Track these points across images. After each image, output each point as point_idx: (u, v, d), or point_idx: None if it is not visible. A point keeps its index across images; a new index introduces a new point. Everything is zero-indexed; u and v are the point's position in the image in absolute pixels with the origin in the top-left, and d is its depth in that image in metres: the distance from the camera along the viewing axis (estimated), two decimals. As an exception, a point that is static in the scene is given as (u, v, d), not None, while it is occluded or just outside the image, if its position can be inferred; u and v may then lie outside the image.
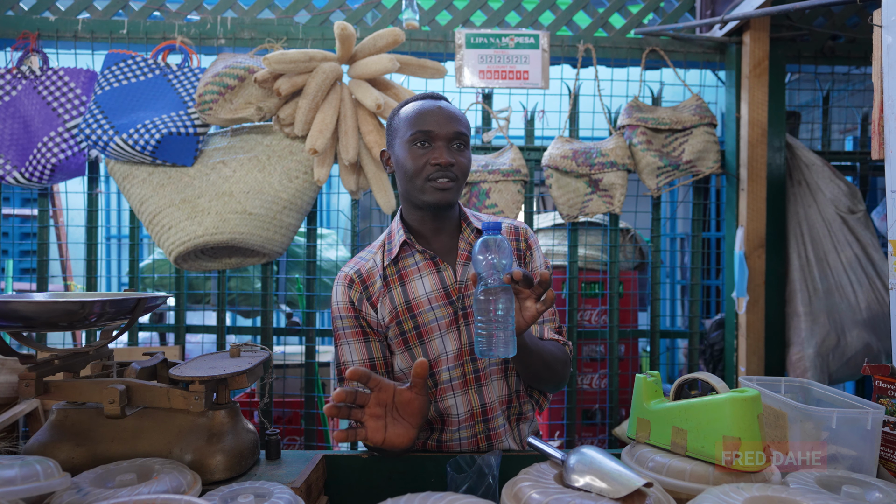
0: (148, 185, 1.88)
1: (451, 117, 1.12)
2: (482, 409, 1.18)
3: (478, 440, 1.18)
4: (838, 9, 2.20)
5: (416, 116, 1.12)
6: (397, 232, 1.20)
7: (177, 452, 0.90)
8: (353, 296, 1.17)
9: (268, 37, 2.08)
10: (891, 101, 1.26)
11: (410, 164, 1.11)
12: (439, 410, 1.18)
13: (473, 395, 1.17)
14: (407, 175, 1.12)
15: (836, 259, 2.12)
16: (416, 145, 1.11)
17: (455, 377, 1.17)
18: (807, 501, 0.69)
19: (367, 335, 1.18)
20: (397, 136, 1.15)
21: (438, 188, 1.10)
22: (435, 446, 1.20)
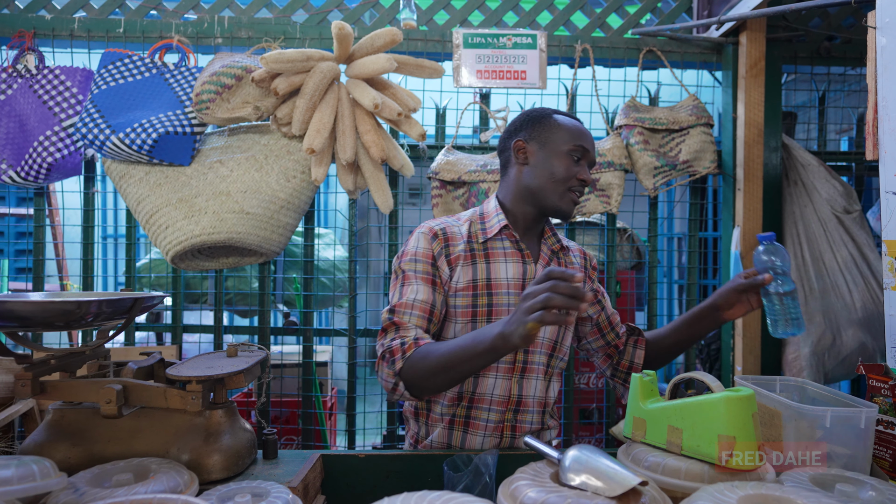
0: (145, 185, 1.88)
1: (594, 148, 1.29)
2: (518, 400, 1.26)
3: (503, 427, 1.26)
4: (834, 10, 2.21)
5: (578, 133, 1.26)
6: (496, 215, 1.28)
7: (174, 452, 0.90)
8: (435, 248, 1.24)
9: (265, 36, 2.08)
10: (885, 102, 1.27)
11: (563, 171, 1.23)
12: (475, 386, 1.24)
13: (514, 384, 1.25)
14: (553, 178, 1.23)
15: (831, 259, 2.13)
16: (573, 158, 1.24)
17: (503, 361, 1.24)
18: (801, 500, 0.70)
19: (436, 285, 1.22)
20: (552, 140, 1.26)
21: (574, 200, 1.25)
22: (462, 422, 1.24)
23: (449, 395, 1.25)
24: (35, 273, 2.13)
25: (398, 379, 1.11)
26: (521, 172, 1.28)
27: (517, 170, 1.29)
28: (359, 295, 2.21)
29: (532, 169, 1.26)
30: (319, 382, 2.35)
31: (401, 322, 1.16)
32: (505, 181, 1.34)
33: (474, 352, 1.01)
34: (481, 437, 1.25)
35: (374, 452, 1.15)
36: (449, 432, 1.26)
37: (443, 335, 1.25)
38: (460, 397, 1.25)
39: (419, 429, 1.32)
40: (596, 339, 1.44)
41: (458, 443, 1.25)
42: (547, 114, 1.31)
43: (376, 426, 2.23)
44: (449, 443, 1.26)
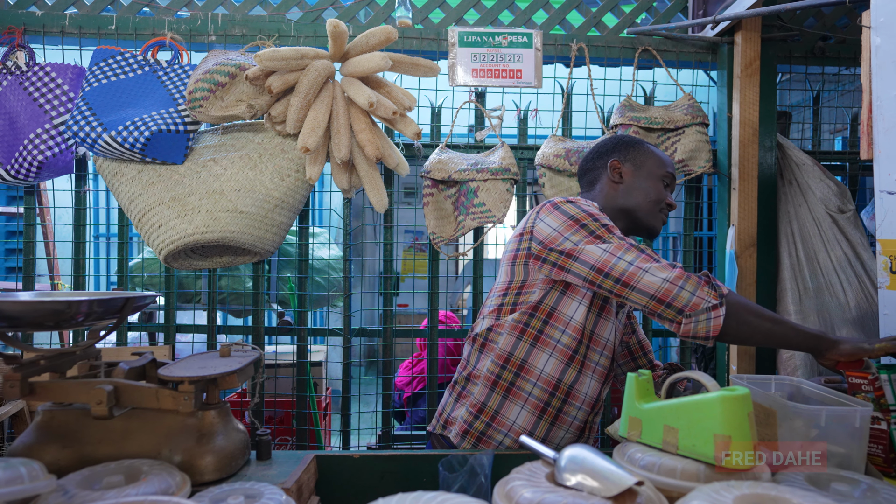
0: (137, 183, 1.86)
1: None
2: (597, 402, 1.32)
3: (584, 427, 1.32)
4: (828, 10, 2.22)
5: (669, 163, 1.40)
6: None
7: (166, 453, 0.89)
8: None
9: (259, 34, 2.07)
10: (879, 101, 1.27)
11: (656, 193, 1.36)
12: (574, 381, 1.27)
13: (603, 388, 1.32)
14: (648, 199, 1.36)
15: (825, 258, 2.13)
16: (664, 184, 1.38)
17: (601, 364, 1.30)
18: (796, 499, 0.70)
19: None
20: (647, 165, 1.38)
21: (663, 220, 1.38)
22: (553, 413, 1.27)
23: (545, 379, 1.26)
24: (25, 272, 2.11)
25: (723, 301, 1.12)
26: (616, 190, 1.39)
27: (610, 187, 1.39)
28: (353, 294, 2.21)
29: (626, 188, 1.38)
30: (314, 382, 2.34)
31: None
32: (592, 195, 1.43)
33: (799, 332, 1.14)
34: (565, 432, 1.29)
35: (368, 453, 1.14)
36: (537, 420, 1.27)
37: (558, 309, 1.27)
38: (557, 387, 1.27)
39: (489, 399, 1.28)
40: (626, 362, 1.55)
41: (542, 433, 1.27)
42: (639, 141, 1.44)
43: (371, 426, 2.22)
44: (532, 431, 1.26)
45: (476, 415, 1.29)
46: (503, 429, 1.27)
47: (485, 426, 1.28)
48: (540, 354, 1.26)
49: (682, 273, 1.14)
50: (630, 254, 1.17)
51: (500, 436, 1.27)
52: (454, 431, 1.31)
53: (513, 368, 1.27)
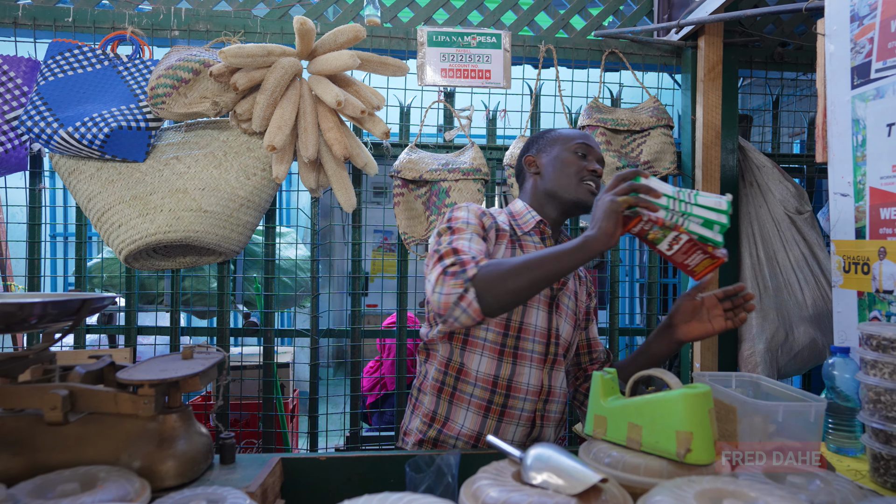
0: (96, 181, 1.80)
1: (598, 147, 1.40)
2: (549, 390, 1.31)
3: (535, 416, 1.30)
4: (787, 17, 2.29)
5: (579, 135, 1.38)
6: (528, 212, 1.38)
7: (125, 459, 0.87)
8: (485, 221, 1.30)
9: (224, 30, 2.02)
10: (833, 106, 1.32)
11: (573, 163, 1.34)
12: (512, 374, 1.27)
13: (546, 374, 1.31)
14: (565, 173, 1.34)
15: (784, 258, 2.20)
16: (578, 154, 1.35)
17: (537, 351, 1.29)
18: (753, 492, 0.72)
19: (486, 241, 1.27)
20: (557, 145, 1.38)
21: (588, 189, 1.33)
22: (498, 410, 1.27)
23: (482, 378, 1.26)
24: (-23, 273, 2.02)
25: (469, 286, 1.08)
26: (537, 182, 1.40)
27: (533, 181, 1.41)
28: (321, 295, 2.18)
29: (544, 175, 1.38)
30: (281, 384, 2.31)
31: (460, 249, 1.15)
32: (523, 194, 1.45)
33: (562, 251, 1.06)
34: (514, 426, 1.28)
35: (335, 454, 1.13)
36: (483, 420, 1.26)
37: None
38: (496, 383, 1.27)
39: (437, 406, 1.30)
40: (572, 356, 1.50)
41: (490, 431, 1.26)
42: (547, 130, 1.46)
43: (339, 428, 2.20)
44: (480, 431, 1.26)
45: (429, 423, 1.32)
46: (453, 433, 1.28)
47: (437, 433, 1.30)
48: (472, 355, 1.28)
49: (439, 275, 1.12)
50: (431, 263, 1.19)
51: (452, 440, 1.28)
52: (410, 442, 1.34)
53: (453, 373, 1.30)
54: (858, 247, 1.27)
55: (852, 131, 1.27)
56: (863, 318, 1.27)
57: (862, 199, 1.26)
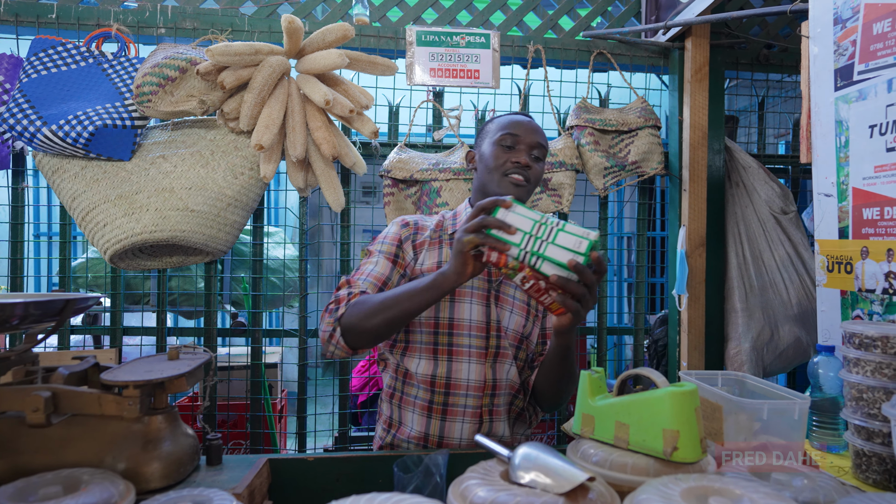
0: (81, 180, 1.78)
1: (536, 131, 1.30)
2: (493, 384, 1.27)
3: (481, 412, 1.27)
4: (772, 19, 2.31)
5: (508, 122, 1.30)
6: (465, 211, 1.36)
7: (109, 461, 0.86)
8: (403, 234, 1.33)
9: (211, 28, 2.01)
10: (817, 108, 1.33)
11: (494, 159, 1.27)
12: (450, 371, 1.26)
13: (489, 367, 1.27)
14: (488, 168, 1.27)
15: (770, 257, 2.23)
16: (503, 145, 1.27)
17: (475, 346, 1.27)
18: (738, 489, 0.72)
19: (396, 264, 1.30)
20: (487, 136, 1.33)
21: (513, 183, 1.25)
22: (440, 409, 1.26)
23: (422, 379, 1.26)
24: (-42, 273, 1.99)
25: (336, 325, 1.16)
26: (476, 177, 1.36)
27: (475, 176, 1.38)
28: (310, 295, 2.17)
29: (478, 167, 1.34)
30: (269, 385, 2.29)
31: (354, 282, 1.25)
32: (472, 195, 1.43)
33: (415, 289, 1.07)
34: (460, 424, 1.26)
35: (323, 455, 1.13)
36: (427, 420, 1.26)
37: None
38: (433, 382, 1.26)
39: (392, 412, 1.33)
40: None
41: (436, 431, 1.26)
42: (489, 120, 1.40)
43: (328, 428, 2.19)
44: (427, 432, 1.26)
45: (386, 429, 1.34)
46: (404, 437, 1.29)
47: (392, 438, 1.32)
48: (412, 359, 1.29)
49: (323, 312, 1.21)
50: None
51: (405, 444, 1.29)
52: (374, 448, 1.37)
53: (400, 378, 1.32)
54: (842, 246, 1.29)
55: (836, 132, 1.29)
56: (846, 316, 1.29)
57: (845, 199, 1.27)
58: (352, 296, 1.20)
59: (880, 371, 0.98)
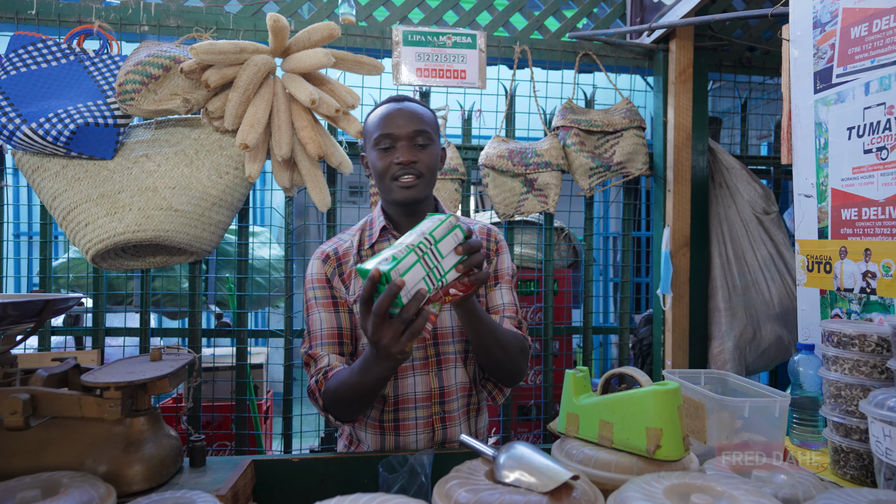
0: (62, 179, 1.75)
1: (412, 117, 1.19)
2: (440, 392, 1.24)
3: (433, 421, 1.25)
4: (754, 22, 2.35)
5: (380, 121, 1.21)
6: (378, 218, 1.28)
7: (89, 464, 0.85)
8: (327, 270, 1.25)
9: (196, 26, 1.99)
10: (797, 110, 1.35)
11: (378, 166, 1.20)
12: (396, 389, 1.23)
13: (433, 377, 1.24)
14: (378, 176, 1.21)
15: (752, 257, 2.26)
16: (381, 148, 1.19)
17: (417, 357, 1.24)
18: (720, 486, 0.73)
19: (337, 306, 1.24)
20: (367, 143, 1.24)
21: (403, 186, 1.18)
22: (392, 426, 1.24)
23: None
24: (-65, 274, 1.95)
25: (327, 413, 1.16)
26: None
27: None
28: (295, 294, 2.16)
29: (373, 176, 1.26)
30: (254, 385, 2.28)
31: (315, 353, 1.21)
32: None
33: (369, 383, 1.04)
34: (414, 436, 1.25)
35: (308, 456, 1.12)
36: (381, 438, 1.25)
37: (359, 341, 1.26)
38: (384, 401, 1.24)
39: (352, 430, 1.32)
40: None
41: (391, 446, 1.25)
42: (366, 118, 1.27)
43: (314, 429, 2.18)
44: (383, 447, 1.25)
45: (347, 445, 1.34)
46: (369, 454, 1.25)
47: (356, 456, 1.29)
48: None
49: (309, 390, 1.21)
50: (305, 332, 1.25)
51: None
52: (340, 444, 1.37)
53: None
54: (821, 246, 1.31)
55: (815, 134, 1.31)
56: (825, 315, 1.31)
57: (824, 200, 1.29)
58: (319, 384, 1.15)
59: (858, 369, 1.00)
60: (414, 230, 0.94)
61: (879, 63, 1.15)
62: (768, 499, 0.71)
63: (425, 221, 0.96)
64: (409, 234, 0.93)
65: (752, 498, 0.70)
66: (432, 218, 0.97)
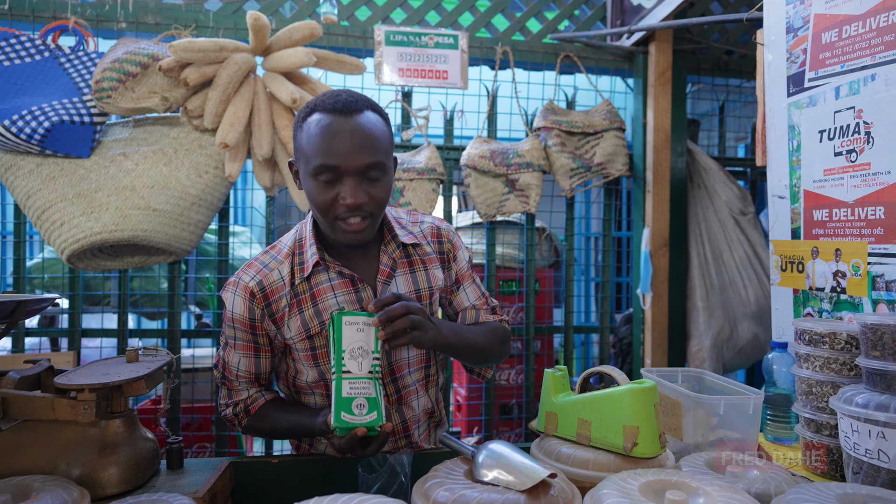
0: (36, 178, 1.72)
1: (364, 144, 0.95)
2: (403, 426, 1.16)
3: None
4: (731, 26, 2.39)
5: (322, 143, 0.95)
6: (310, 247, 1.07)
7: (63, 468, 0.83)
8: (255, 312, 1.06)
9: (175, 23, 1.96)
10: (771, 112, 1.38)
11: (318, 200, 0.97)
12: None
13: (394, 413, 1.14)
14: (316, 208, 0.99)
15: (729, 257, 2.30)
16: (322, 181, 0.96)
17: None
18: (694, 483, 0.74)
19: (259, 351, 1.11)
20: (302, 159, 1.00)
21: (350, 230, 0.99)
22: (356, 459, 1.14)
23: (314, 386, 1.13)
24: None
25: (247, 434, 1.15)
26: None
27: None
28: (277, 295, 2.14)
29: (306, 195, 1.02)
30: (235, 387, 2.25)
31: (232, 386, 1.14)
32: None
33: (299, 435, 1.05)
34: None
35: (287, 457, 1.12)
36: None
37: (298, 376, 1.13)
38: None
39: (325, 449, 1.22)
40: None
41: None
42: (300, 118, 1.01)
43: (296, 430, 2.16)
44: None
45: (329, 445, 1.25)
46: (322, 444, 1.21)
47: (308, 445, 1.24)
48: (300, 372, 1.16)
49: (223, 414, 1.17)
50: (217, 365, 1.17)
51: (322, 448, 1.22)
52: None
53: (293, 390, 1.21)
54: (794, 247, 1.34)
55: (788, 137, 1.34)
56: (798, 314, 1.34)
57: (797, 201, 1.32)
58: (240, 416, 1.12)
59: (828, 366, 1.02)
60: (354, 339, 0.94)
61: (849, 68, 1.18)
62: (741, 494, 0.73)
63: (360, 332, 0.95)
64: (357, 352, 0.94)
65: (726, 493, 0.72)
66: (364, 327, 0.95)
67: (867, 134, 1.13)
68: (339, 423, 0.88)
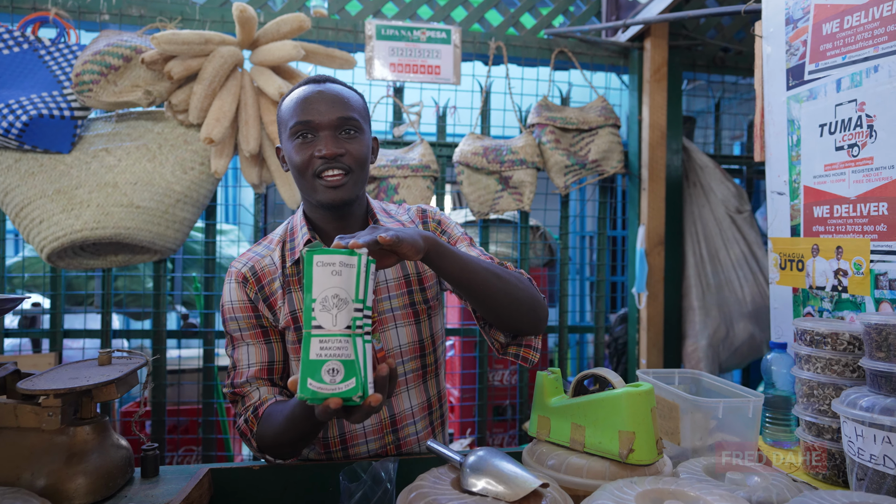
0: (14, 174, 1.67)
1: (336, 101, 0.99)
2: (391, 420, 1.10)
3: (387, 450, 1.11)
4: (727, 22, 2.35)
5: (297, 105, 0.99)
6: (300, 229, 1.08)
7: (27, 478, 0.79)
8: (250, 294, 1.06)
9: (160, 15, 1.91)
10: (770, 107, 1.34)
11: (296, 160, 0.99)
12: (341, 426, 1.08)
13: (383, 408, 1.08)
14: (297, 171, 1.00)
15: (725, 256, 2.26)
16: (299, 138, 0.99)
17: None
18: (693, 491, 0.71)
19: (267, 334, 1.07)
20: (282, 131, 1.04)
21: (329, 185, 0.98)
22: (341, 457, 1.11)
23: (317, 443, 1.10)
24: None
25: (264, 455, 1.02)
26: None
27: None
28: (265, 295, 2.10)
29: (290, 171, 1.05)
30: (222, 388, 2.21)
31: (241, 391, 1.06)
32: None
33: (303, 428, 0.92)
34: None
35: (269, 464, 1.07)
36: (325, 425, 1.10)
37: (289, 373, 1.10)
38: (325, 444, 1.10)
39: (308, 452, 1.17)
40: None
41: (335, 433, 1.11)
42: (280, 102, 1.07)
43: (284, 432, 2.12)
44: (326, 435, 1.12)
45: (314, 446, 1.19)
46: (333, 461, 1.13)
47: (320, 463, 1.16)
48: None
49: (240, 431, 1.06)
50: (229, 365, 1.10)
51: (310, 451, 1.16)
52: None
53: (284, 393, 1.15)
54: (793, 244, 1.30)
55: (788, 131, 1.30)
56: (797, 313, 1.31)
57: (797, 197, 1.29)
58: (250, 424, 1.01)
59: (830, 367, 0.99)
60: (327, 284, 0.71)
61: (850, 59, 1.14)
62: (742, 503, 0.69)
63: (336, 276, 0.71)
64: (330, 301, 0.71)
65: (726, 503, 0.68)
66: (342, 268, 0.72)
67: (870, 127, 1.10)
68: (306, 394, 0.69)
